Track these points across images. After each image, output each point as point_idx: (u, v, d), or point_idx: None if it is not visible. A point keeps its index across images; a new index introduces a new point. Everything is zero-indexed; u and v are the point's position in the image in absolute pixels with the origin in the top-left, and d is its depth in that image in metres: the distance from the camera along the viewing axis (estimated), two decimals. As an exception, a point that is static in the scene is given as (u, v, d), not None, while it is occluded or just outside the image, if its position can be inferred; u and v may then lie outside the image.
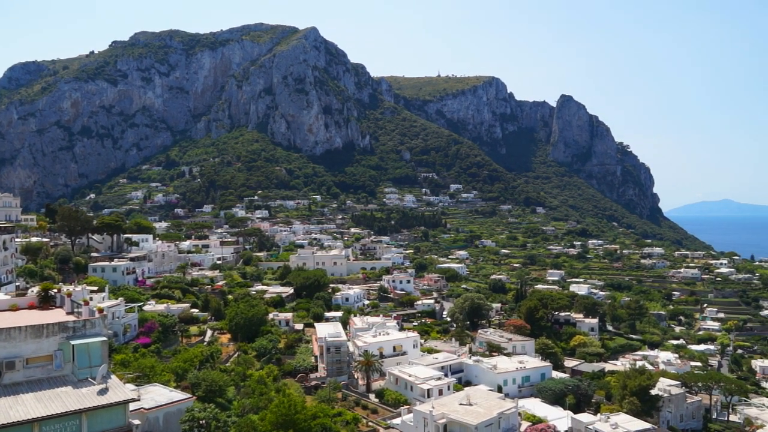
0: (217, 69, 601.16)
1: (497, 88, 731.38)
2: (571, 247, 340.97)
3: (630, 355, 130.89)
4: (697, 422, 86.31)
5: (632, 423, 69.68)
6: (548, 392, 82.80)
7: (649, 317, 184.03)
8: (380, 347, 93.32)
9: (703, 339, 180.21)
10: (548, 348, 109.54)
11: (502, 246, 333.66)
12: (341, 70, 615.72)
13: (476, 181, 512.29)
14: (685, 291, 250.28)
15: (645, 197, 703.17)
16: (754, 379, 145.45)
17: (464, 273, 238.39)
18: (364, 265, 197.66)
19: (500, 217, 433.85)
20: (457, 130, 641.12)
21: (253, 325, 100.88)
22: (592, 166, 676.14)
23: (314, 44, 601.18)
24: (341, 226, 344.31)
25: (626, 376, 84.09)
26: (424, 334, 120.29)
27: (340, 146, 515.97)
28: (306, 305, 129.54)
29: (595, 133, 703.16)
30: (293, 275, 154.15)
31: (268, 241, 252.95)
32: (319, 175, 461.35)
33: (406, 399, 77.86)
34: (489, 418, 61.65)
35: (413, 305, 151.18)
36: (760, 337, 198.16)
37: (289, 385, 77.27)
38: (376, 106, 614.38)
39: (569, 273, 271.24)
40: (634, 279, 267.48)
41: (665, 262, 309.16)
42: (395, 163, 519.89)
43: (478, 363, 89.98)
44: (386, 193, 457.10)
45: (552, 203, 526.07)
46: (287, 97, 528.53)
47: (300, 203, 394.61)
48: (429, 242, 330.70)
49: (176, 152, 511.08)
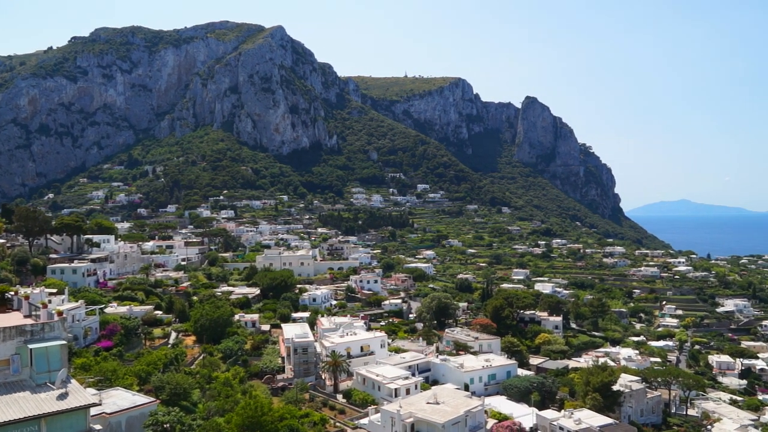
0: (182, 67, 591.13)
1: (463, 89, 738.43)
2: (536, 246, 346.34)
3: (593, 352, 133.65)
4: (656, 416, 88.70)
5: (595, 418, 71.29)
6: (514, 390, 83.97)
7: (611, 315, 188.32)
8: (348, 347, 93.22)
9: (662, 335, 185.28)
10: (514, 346, 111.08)
11: (469, 246, 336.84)
12: (308, 69, 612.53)
13: (443, 181, 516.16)
14: (645, 289, 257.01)
15: (607, 197, 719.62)
16: (711, 374, 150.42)
17: (431, 273, 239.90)
18: (331, 266, 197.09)
19: (467, 217, 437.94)
20: (424, 131, 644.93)
21: (219, 327, 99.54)
22: (556, 167, 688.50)
23: (281, 43, 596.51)
24: (308, 226, 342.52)
25: (589, 372, 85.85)
26: (392, 334, 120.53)
27: (307, 146, 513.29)
28: (273, 306, 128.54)
29: (559, 134, 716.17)
30: (260, 276, 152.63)
31: (234, 242, 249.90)
32: (286, 174, 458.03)
33: (373, 399, 77.94)
34: (456, 417, 62.20)
35: (380, 305, 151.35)
36: (717, 333, 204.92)
37: (255, 387, 76.53)
38: (343, 106, 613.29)
39: (534, 272, 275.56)
40: (597, 277, 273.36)
41: (626, 260, 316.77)
42: (362, 163, 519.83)
43: (445, 362, 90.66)
44: (353, 193, 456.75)
45: (517, 203, 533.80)
46: (253, 96, 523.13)
47: (266, 203, 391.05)
48: (396, 242, 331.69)
49: (139, 151, 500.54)
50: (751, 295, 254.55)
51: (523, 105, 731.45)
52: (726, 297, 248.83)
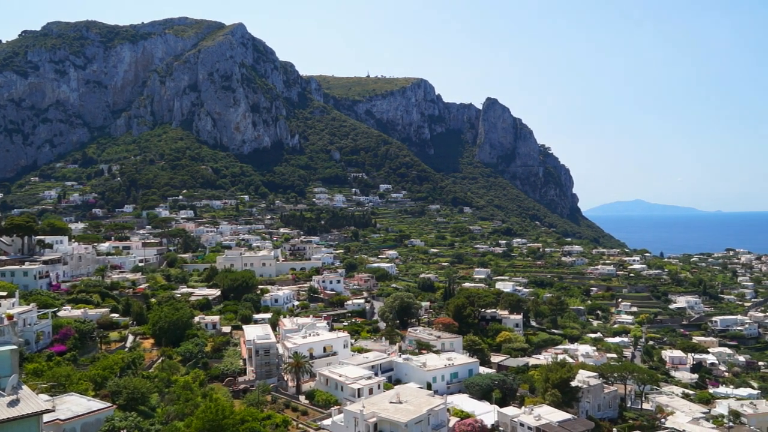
0: (138, 63, 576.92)
1: (425, 90, 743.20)
2: (497, 245, 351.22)
3: (552, 349, 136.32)
4: (613, 411, 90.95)
5: (554, 414, 72.73)
6: (476, 388, 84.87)
7: (570, 312, 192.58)
8: (310, 348, 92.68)
9: (618, 332, 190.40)
10: (475, 344, 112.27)
11: (431, 245, 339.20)
12: (269, 67, 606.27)
13: (405, 181, 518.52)
14: (602, 287, 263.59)
15: (565, 197, 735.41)
16: (664, 368, 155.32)
17: (394, 272, 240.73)
18: (293, 266, 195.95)
19: (429, 216, 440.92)
20: (387, 131, 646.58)
21: (178, 329, 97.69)
22: (516, 167, 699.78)
23: (241, 41, 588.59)
24: (270, 226, 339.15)
25: (548, 369, 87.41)
26: (355, 334, 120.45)
27: (268, 145, 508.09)
28: (234, 307, 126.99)
29: (518, 135, 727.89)
30: (220, 277, 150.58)
31: (193, 242, 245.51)
32: (247, 174, 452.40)
33: (336, 399, 77.72)
34: (419, 415, 62.54)
35: (343, 305, 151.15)
36: (669, 329, 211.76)
37: (216, 390, 75.31)
38: (305, 105, 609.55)
39: (495, 271, 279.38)
40: (556, 276, 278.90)
41: (584, 259, 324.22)
42: (325, 163, 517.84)
43: (408, 361, 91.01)
44: (316, 193, 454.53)
45: (478, 203, 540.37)
46: (213, 94, 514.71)
47: (227, 203, 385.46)
48: (359, 242, 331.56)
49: (94, 149, 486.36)
50: (702, 292, 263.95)
51: (484, 106, 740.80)
52: (678, 294, 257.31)
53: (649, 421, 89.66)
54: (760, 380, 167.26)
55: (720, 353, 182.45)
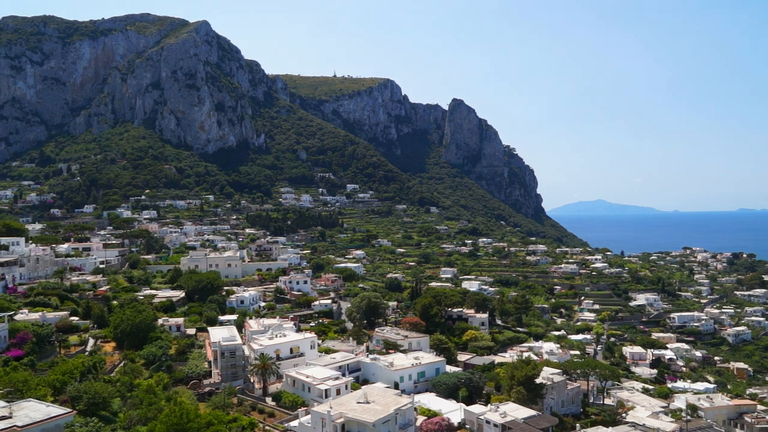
0: (99, 60, 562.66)
1: (392, 90, 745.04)
2: (463, 245, 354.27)
3: (517, 347, 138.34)
4: (576, 407, 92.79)
5: (519, 411, 73.84)
6: (442, 386, 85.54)
7: (534, 311, 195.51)
8: (277, 349, 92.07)
9: (581, 329, 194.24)
10: (442, 343, 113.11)
11: (398, 245, 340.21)
12: (235, 66, 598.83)
13: (372, 181, 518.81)
14: (566, 285, 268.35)
15: (530, 197, 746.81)
16: (625, 364, 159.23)
17: (361, 272, 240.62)
18: (259, 267, 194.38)
19: (396, 216, 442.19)
20: (353, 131, 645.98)
21: (141, 332, 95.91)
22: (482, 168, 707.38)
23: (206, 38, 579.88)
24: (236, 226, 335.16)
25: (514, 367, 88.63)
26: (322, 335, 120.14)
27: (233, 145, 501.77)
28: (198, 309, 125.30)
29: (484, 136, 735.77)
30: (184, 278, 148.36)
31: (156, 243, 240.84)
32: (212, 174, 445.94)
33: (303, 400, 77.39)
34: (386, 415, 62.74)
35: (310, 306, 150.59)
36: (630, 326, 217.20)
37: (180, 393, 74.33)
38: (271, 104, 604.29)
39: (461, 270, 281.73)
40: (521, 275, 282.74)
41: (548, 258, 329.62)
42: (291, 163, 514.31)
43: (375, 361, 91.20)
44: (282, 193, 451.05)
45: (445, 203, 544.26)
46: (177, 92, 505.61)
47: (191, 203, 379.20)
48: (326, 242, 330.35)
49: (52, 148, 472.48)
50: (660, 290, 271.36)
51: (450, 107, 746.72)
52: (638, 291, 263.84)
53: (610, 416, 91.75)
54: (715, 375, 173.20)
55: (678, 349, 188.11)
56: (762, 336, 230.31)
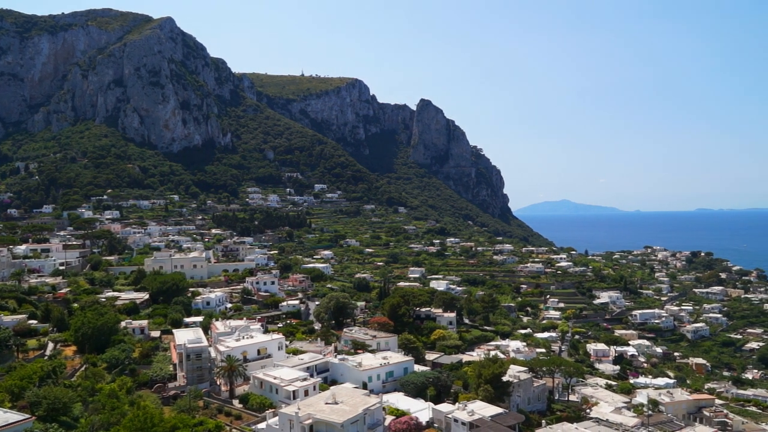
0: (58, 55, 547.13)
1: (360, 90, 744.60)
2: (431, 245, 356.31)
3: (484, 346, 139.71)
4: (542, 404, 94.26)
5: (487, 409, 74.59)
6: (411, 386, 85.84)
7: (501, 309, 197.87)
8: (244, 351, 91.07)
9: (546, 327, 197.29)
10: (410, 343, 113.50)
11: (366, 245, 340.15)
12: (200, 64, 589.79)
13: (340, 181, 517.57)
14: (531, 284, 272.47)
15: (496, 197, 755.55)
16: (589, 361, 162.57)
17: (329, 273, 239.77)
18: (226, 267, 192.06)
19: (364, 216, 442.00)
20: (321, 131, 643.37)
21: (103, 335, 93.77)
22: (450, 168, 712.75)
23: (170, 35, 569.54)
24: (201, 227, 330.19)
25: (481, 365, 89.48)
26: (290, 336, 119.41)
27: (199, 144, 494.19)
28: (163, 311, 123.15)
29: (452, 136, 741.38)
30: (148, 280, 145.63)
31: (119, 244, 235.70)
32: (177, 173, 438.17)
33: (271, 402, 76.70)
34: (355, 415, 62.66)
35: (278, 307, 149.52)
36: (593, 324, 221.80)
37: (144, 397, 72.82)
38: (238, 103, 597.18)
39: (429, 270, 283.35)
40: (488, 274, 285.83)
41: (514, 257, 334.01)
42: (258, 163, 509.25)
43: (344, 361, 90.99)
44: (249, 193, 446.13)
45: (413, 203, 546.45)
46: (140, 89, 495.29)
47: (156, 203, 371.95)
48: (294, 242, 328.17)
49: (9, 146, 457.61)
50: (623, 288, 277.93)
51: (418, 107, 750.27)
52: (601, 290, 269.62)
53: (575, 412, 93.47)
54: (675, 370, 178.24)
55: (639, 345, 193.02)
56: (719, 332, 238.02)
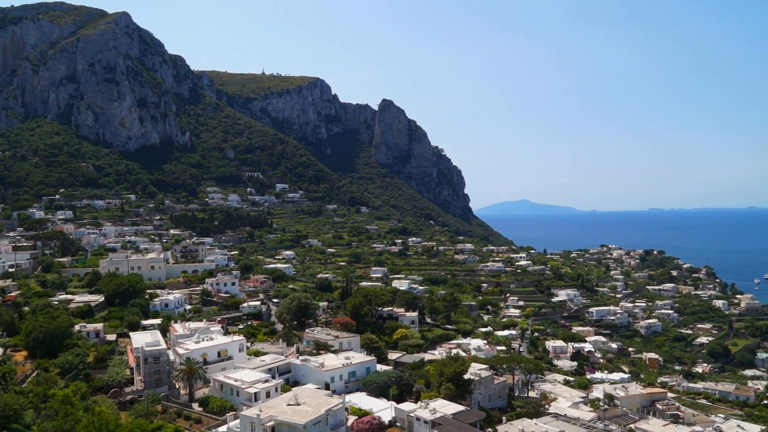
0: (7, 50, 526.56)
1: (322, 89, 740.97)
2: (393, 245, 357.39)
3: (446, 345, 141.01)
4: (502, 401, 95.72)
5: (449, 407, 75.32)
6: (373, 385, 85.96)
7: (462, 308, 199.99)
8: (204, 353, 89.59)
9: (506, 325, 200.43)
10: (373, 342, 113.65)
11: (329, 245, 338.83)
12: (158, 61, 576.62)
13: (302, 181, 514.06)
14: (492, 283, 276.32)
15: (458, 197, 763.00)
16: (548, 358, 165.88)
17: (291, 273, 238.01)
18: (185, 269, 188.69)
19: (326, 216, 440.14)
20: (283, 130, 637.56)
21: (56, 339, 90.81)
22: (411, 168, 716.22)
23: (126, 31, 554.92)
24: (159, 227, 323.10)
25: (443, 364, 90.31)
26: (251, 337, 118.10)
27: (157, 142, 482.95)
28: (119, 314, 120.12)
29: (413, 136, 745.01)
30: (104, 281, 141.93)
31: (73, 245, 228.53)
32: (134, 172, 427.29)
33: (232, 405, 75.69)
34: (317, 416, 62.39)
35: (239, 308, 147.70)
36: (552, 321, 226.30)
37: (100, 403, 70.91)
38: (197, 101, 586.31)
39: (391, 269, 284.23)
40: (449, 273, 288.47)
41: (475, 257, 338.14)
42: (218, 162, 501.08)
43: (306, 362, 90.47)
44: (209, 193, 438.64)
45: (375, 203, 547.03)
46: (95, 86, 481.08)
47: (111, 203, 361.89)
48: (255, 243, 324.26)
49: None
50: (580, 286, 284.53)
51: (380, 107, 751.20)
52: (559, 288, 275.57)
53: (534, 408, 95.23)
54: (630, 365, 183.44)
55: (596, 341, 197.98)
56: (671, 328, 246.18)
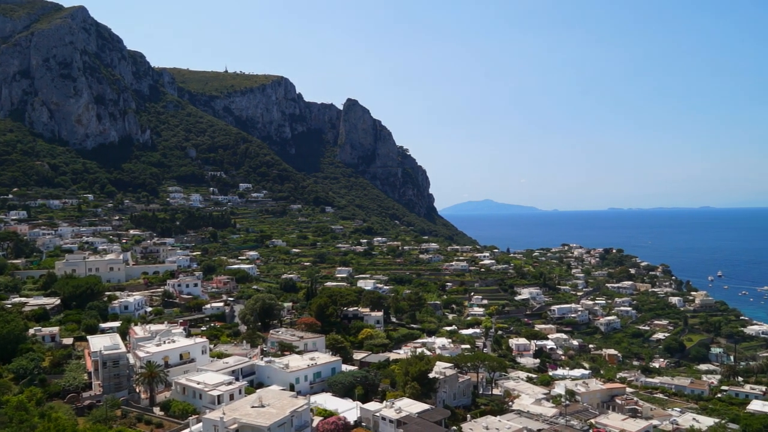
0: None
1: (286, 88, 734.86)
2: (358, 244, 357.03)
3: (411, 344, 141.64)
4: (467, 399, 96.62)
5: (414, 406, 75.64)
6: (339, 386, 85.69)
7: (427, 307, 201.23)
8: (165, 356, 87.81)
9: (471, 324, 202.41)
10: (338, 343, 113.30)
11: (293, 245, 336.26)
12: (116, 57, 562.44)
13: (266, 180, 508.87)
14: (456, 282, 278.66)
15: (422, 197, 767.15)
16: (511, 355, 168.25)
17: (255, 274, 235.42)
18: (146, 270, 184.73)
19: (290, 216, 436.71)
20: (246, 129, 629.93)
21: (9, 344, 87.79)
22: (376, 168, 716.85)
23: (83, 25, 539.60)
24: (118, 227, 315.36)
25: (408, 363, 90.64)
26: (214, 339, 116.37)
27: (116, 140, 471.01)
28: (77, 317, 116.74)
29: (378, 136, 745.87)
30: (60, 284, 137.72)
31: (27, 247, 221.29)
32: (91, 171, 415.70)
33: (195, 408, 74.39)
34: (281, 418, 61.86)
35: (201, 309, 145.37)
36: (515, 319, 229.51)
37: (56, 408, 68.81)
38: (157, 99, 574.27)
39: (357, 269, 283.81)
40: (414, 273, 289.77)
41: (440, 256, 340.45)
42: (180, 161, 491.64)
43: (270, 363, 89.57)
44: (170, 192, 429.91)
45: (340, 203, 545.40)
46: (50, 82, 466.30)
47: (68, 203, 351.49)
48: (218, 243, 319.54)
49: None
50: (542, 284, 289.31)
51: (345, 107, 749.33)
52: (522, 286, 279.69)
53: (498, 405, 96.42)
54: (590, 361, 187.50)
55: (558, 339, 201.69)
56: (629, 324, 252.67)
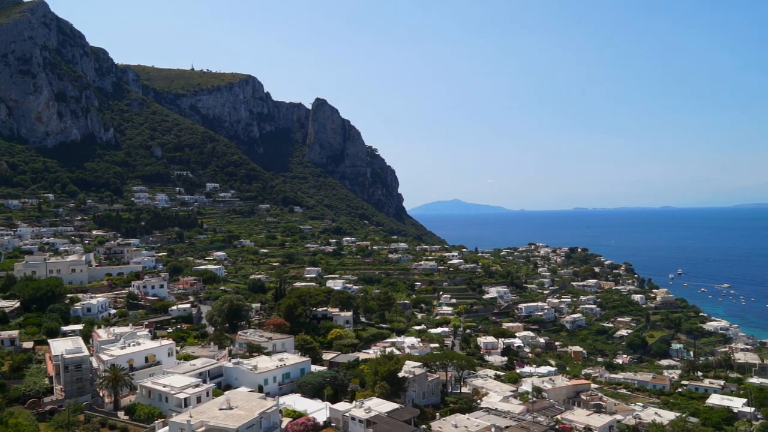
0: None
1: (254, 87, 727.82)
2: (327, 244, 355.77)
3: (381, 343, 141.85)
4: (436, 397, 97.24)
5: (383, 405, 75.84)
6: (308, 386, 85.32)
7: (397, 307, 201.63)
8: (130, 359, 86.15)
9: (440, 323, 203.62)
10: (307, 343, 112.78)
11: (261, 245, 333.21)
12: (78, 53, 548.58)
13: (234, 180, 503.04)
14: (425, 281, 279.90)
15: (391, 197, 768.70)
16: (480, 354, 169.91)
17: (223, 274, 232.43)
18: (109, 271, 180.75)
19: (259, 216, 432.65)
20: (213, 128, 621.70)
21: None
22: (345, 168, 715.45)
23: (43, 20, 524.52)
24: (81, 228, 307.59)
25: (377, 362, 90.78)
26: (181, 341, 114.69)
27: (77, 139, 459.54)
28: (37, 320, 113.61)
29: (347, 136, 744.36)
30: (19, 286, 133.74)
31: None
32: (52, 170, 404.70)
33: (161, 412, 73.17)
34: (250, 420, 61.33)
35: (167, 311, 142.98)
36: (483, 318, 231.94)
37: (16, 414, 66.95)
38: (121, 96, 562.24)
39: (326, 269, 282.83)
40: (383, 272, 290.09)
41: (409, 255, 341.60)
42: (145, 160, 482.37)
43: (239, 365, 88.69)
44: (135, 192, 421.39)
45: (309, 203, 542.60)
46: (8, 78, 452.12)
47: (27, 203, 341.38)
48: (184, 243, 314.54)
49: None
50: (510, 283, 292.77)
51: (314, 106, 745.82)
52: (490, 285, 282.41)
53: (467, 403, 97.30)
54: (556, 358, 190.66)
55: (525, 337, 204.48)
56: (594, 322, 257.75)
